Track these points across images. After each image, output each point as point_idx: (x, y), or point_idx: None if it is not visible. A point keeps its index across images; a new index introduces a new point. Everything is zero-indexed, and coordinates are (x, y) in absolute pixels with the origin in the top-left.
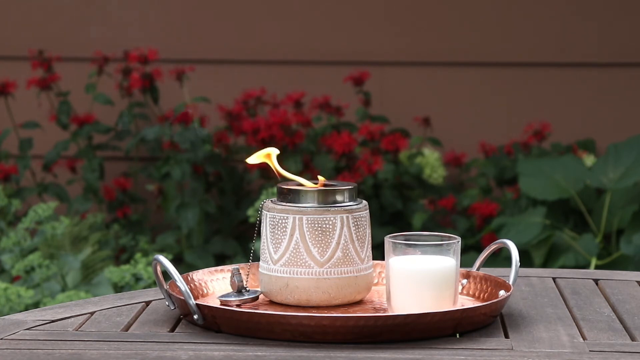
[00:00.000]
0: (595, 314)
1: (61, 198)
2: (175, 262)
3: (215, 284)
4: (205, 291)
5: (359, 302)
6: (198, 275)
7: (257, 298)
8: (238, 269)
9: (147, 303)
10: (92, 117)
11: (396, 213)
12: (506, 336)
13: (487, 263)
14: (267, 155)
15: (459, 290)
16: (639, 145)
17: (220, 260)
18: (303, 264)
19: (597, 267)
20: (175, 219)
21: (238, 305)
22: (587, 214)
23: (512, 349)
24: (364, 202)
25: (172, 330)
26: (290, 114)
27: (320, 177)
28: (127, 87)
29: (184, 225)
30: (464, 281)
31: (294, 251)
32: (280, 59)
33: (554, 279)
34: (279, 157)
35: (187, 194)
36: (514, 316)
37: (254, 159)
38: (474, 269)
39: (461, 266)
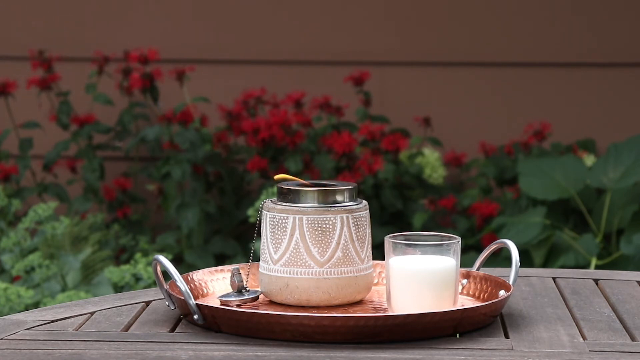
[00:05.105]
0: (595, 314)
1: (61, 198)
2: (175, 262)
3: (215, 284)
4: (205, 291)
5: (359, 302)
6: (198, 275)
7: (257, 298)
8: (238, 269)
9: (147, 303)
10: (92, 117)
11: (396, 213)
12: (506, 336)
13: (487, 263)
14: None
15: (459, 290)
16: (639, 145)
17: (220, 260)
18: (303, 264)
19: (597, 267)
20: (175, 219)
21: (238, 305)
22: (587, 214)
23: (512, 349)
24: (364, 202)
25: (172, 330)
26: (291, 114)
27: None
28: (127, 87)
29: (184, 225)
30: (464, 281)
31: (294, 251)
32: (280, 59)
33: (554, 279)
34: (279, 158)
35: (187, 194)
36: (514, 316)
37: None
38: (474, 269)
39: (461, 266)
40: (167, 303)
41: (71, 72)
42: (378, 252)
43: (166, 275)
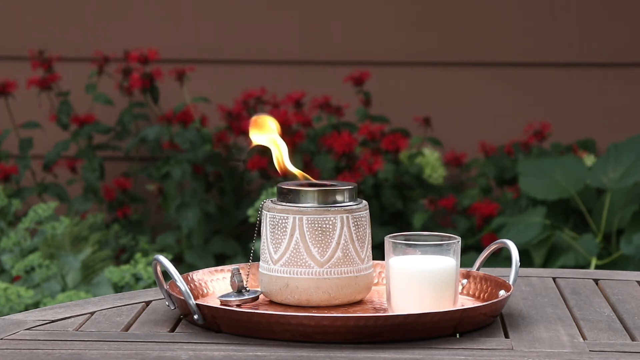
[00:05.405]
0: (595, 314)
1: (61, 198)
2: (175, 262)
3: (215, 284)
4: (205, 291)
5: (359, 302)
6: (198, 275)
7: (257, 298)
8: (238, 269)
9: (147, 303)
10: (92, 117)
11: (396, 213)
12: (506, 336)
13: (487, 263)
14: (273, 143)
15: (459, 290)
16: (639, 145)
17: (220, 260)
18: (303, 264)
19: (597, 267)
20: (175, 219)
21: (238, 305)
22: (587, 214)
23: (512, 349)
24: (364, 202)
25: (172, 330)
26: (291, 114)
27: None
28: (127, 87)
29: (184, 225)
30: (464, 281)
31: (294, 251)
32: (280, 59)
33: (554, 279)
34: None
35: (187, 194)
36: (514, 316)
37: (258, 138)
38: (474, 269)
39: (461, 266)
40: (167, 303)
41: (71, 72)
42: (378, 252)
43: (166, 275)
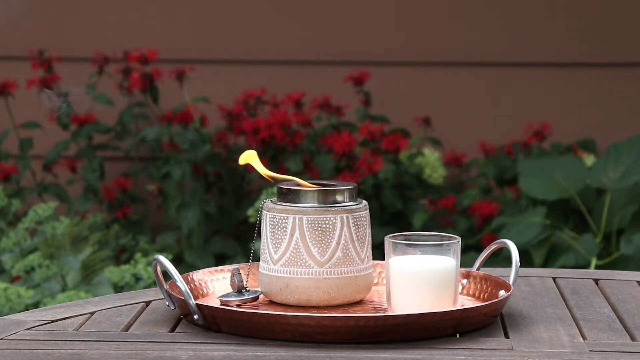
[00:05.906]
0: (595, 314)
1: (61, 198)
2: (175, 262)
3: (215, 284)
4: (205, 291)
5: (359, 302)
6: (198, 275)
7: (257, 298)
8: (238, 269)
9: (147, 303)
10: (92, 117)
11: (396, 213)
12: (506, 336)
13: (487, 263)
14: (250, 157)
15: (459, 290)
16: (639, 145)
17: (220, 260)
18: (303, 264)
19: (597, 267)
20: (175, 219)
21: (238, 305)
22: (587, 214)
23: (512, 349)
24: (364, 202)
25: (172, 330)
26: (291, 114)
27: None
28: (127, 87)
29: (184, 225)
30: (464, 281)
31: (294, 251)
32: (280, 59)
33: (554, 279)
34: (279, 158)
35: (187, 194)
36: (514, 316)
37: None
38: (474, 269)
39: (461, 266)
40: (167, 303)
41: (71, 72)
42: (378, 252)
43: (166, 275)
